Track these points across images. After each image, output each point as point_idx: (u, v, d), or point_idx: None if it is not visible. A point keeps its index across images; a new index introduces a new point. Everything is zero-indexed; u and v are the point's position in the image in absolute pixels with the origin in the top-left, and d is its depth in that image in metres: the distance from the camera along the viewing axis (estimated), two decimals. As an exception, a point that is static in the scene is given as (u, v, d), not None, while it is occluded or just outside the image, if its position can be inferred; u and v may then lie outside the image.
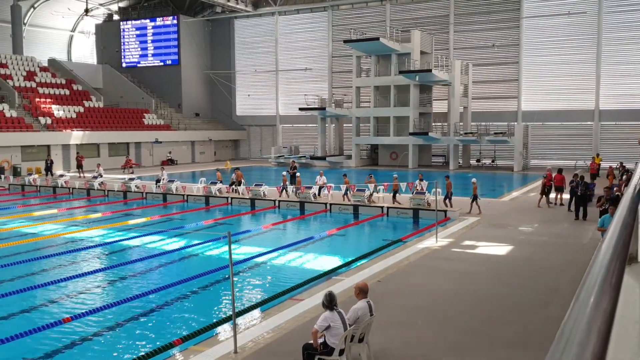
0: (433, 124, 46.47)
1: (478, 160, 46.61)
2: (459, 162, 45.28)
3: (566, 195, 22.73)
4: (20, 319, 10.45)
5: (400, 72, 43.34)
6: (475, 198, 21.65)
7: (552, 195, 23.83)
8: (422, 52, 45.02)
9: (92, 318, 10.34)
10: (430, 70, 41.87)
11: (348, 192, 24.07)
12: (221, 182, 27.62)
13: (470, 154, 46.71)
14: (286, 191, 25.43)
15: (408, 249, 15.54)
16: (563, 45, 45.12)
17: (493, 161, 46.08)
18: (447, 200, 21.74)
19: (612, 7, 43.39)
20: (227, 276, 12.55)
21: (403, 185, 23.88)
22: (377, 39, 43.40)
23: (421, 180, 23.83)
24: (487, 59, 47.68)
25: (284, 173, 27.26)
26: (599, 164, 33.83)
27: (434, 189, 19.66)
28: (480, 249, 15.58)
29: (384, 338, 8.72)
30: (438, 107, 47.72)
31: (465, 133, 43.64)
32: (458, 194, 28.29)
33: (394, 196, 23.13)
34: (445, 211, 20.65)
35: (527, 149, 44.05)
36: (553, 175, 23.93)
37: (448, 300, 10.93)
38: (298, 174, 27.31)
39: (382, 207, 22.41)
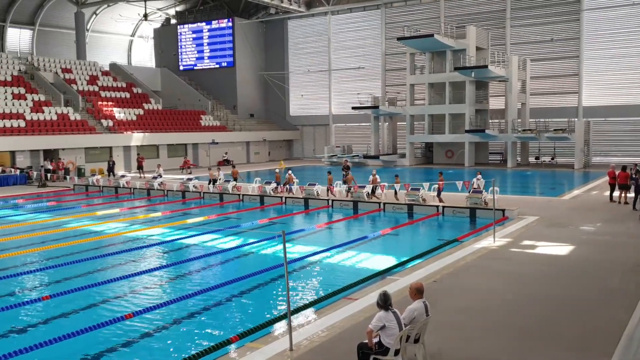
0: (490, 120, 45.51)
1: (537, 158, 45.43)
2: (517, 160, 44.25)
3: (631, 194, 21.89)
4: (85, 314, 10.86)
5: (456, 69, 42.69)
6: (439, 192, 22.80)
7: (616, 193, 23.00)
8: (477, 48, 44.16)
9: (152, 314, 10.65)
10: (486, 67, 41.08)
11: (398, 191, 24.14)
12: (278, 183, 28.07)
13: (528, 152, 45.61)
14: (331, 191, 25.84)
15: (464, 249, 15.27)
16: (626, 37, 43.28)
17: (553, 158, 44.79)
18: (438, 196, 22.72)
19: (681, -4, 41.38)
20: (281, 274, 12.69)
21: (459, 184, 23.52)
22: (432, 35, 42.87)
23: (479, 177, 23.50)
24: (546, 54, 46.30)
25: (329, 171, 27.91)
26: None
27: (491, 188, 19.25)
28: (540, 249, 15.16)
29: (440, 339, 8.62)
30: (495, 103, 46.76)
31: (524, 130, 42.53)
32: (517, 192, 27.78)
33: (438, 194, 22.91)
34: (503, 210, 20.18)
35: (588, 146, 42.57)
36: (616, 173, 23.09)
37: (506, 302, 10.69)
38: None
39: (437, 207, 22.12)
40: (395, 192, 24.27)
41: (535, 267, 13.27)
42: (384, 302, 7.37)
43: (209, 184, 29.70)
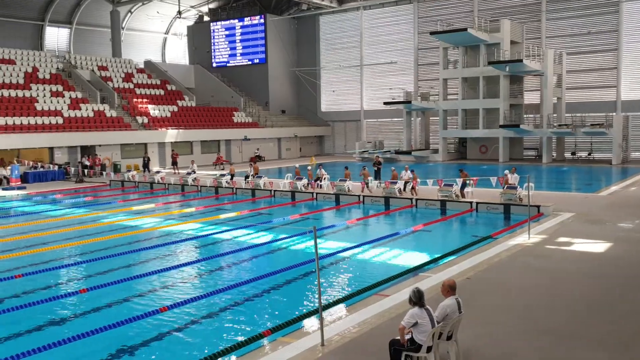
0: (525, 115, 44.81)
1: (573, 153, 44.55)
2: (553, 155, 43.46)
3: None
4: (121, 307, 11.08)
5: (490, 63, 42.12)
6: (464, 186, 22.99)
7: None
8: (512, 42, 43.49)
9: (186, 308, 10.80)
10: (521, 61, 40.43)
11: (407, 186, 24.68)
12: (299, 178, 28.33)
13: (564, 147, 44.76)
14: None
15: (498, 245, 15.09)
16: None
17: (589, 154, 43.84)
18: (462, 191, 22.74)
19: None
20: (312, 270, 12.72)
21: (493, 179, 23.28)
22: (465, 29, 42.37)
23: (513, 172, 23.23)
24: (583, 47, 45.29)
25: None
26: None
27: (526, 184, 18.96)
28: (576, 246, 14.86)
29: (473, 336, 8.54)
30: (530, 98, 46.00)
31: (559, 125, 41.74)
32: (552, 188, 27.28)
33: (461, 189, 22.82)
34: (538, 206, 19.85)
35: (627, 141, 41.54)
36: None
37: (541, 300, 10.52)
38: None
39: (470, 203, 21.87)
40: (412, 188, 24.27)
41: (571, 264, 13.02)
42: (418, 299, 7.33)
43: (231, 179, 30.02)
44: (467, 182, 23.49)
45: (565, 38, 45.89)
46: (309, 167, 29.51)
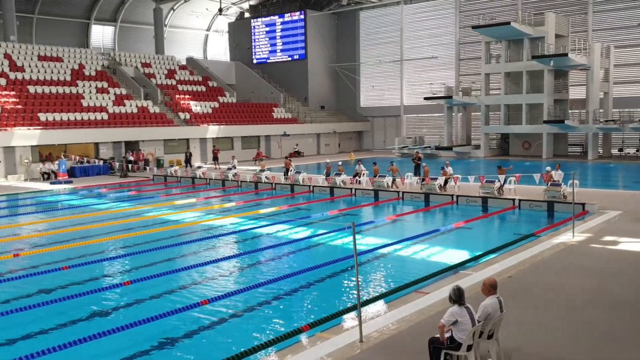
0: (570, 111, 43.67)
1: (620, 150, 43.24)
2: (599, 152, 42.27)
3: None
4: (163, 300, 11.29)
5: (533, 57, 41.21)
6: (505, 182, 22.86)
7: None
8: (557, 36, 42.40)
9: (226, 301, 10.94)
10: (566, 55, 39.40)
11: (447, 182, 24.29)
12: (328, 174, 28.19)
13: (611, 143, 43.44)
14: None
15: (542, 243, 14.77)
16: None
17: (638, 150, 42.45)
18: (501, 188, 22.62)
19: None
20: (351, 266, 12.71)
21: (537, 176, 22.81)
22: (508, 23, 41.56)
23: (558, 169, 22.72)
24: (632, 40, 43.79)
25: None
26: None
27: (570, 181, 18.50)
28: (622, 246, 14.43)
29: (514, 336, 8.39)
30: (575, 93, 44.79)
31: (606, 121, 40.54)
32: (598, 186, 26.54)
33: (501, 186, 22.66)
34: (583, 204, 19.35)
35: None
36: None
37: (586, 300, 10.25)
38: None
39: (513, 200, 21.47)
40: (445, 183, 24.07)
41: (617, 264, 12.64)
42: (458, 297, 7.23)
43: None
44: (508, 178, 23.08)
45: (613, 31, 44.46)
46: (340, 163, 29.30)
